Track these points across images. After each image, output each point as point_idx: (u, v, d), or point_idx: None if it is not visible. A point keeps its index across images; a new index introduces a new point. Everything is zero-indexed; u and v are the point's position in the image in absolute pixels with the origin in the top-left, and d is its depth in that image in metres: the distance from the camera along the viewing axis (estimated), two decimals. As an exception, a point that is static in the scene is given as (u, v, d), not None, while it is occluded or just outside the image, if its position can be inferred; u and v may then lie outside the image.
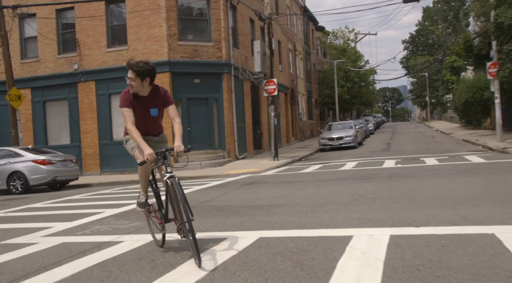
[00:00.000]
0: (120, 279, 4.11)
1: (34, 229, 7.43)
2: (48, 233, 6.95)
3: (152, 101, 4.93)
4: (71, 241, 6.16)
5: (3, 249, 5.95)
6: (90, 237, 6.36)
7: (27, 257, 5.37)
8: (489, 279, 3.32)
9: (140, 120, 4.87)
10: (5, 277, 4.49)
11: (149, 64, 4.79)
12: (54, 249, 5.72)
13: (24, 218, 9.05)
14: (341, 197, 8.14)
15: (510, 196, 6.93)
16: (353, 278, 3.55)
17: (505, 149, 17.68)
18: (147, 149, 4.51)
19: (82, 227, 7.25)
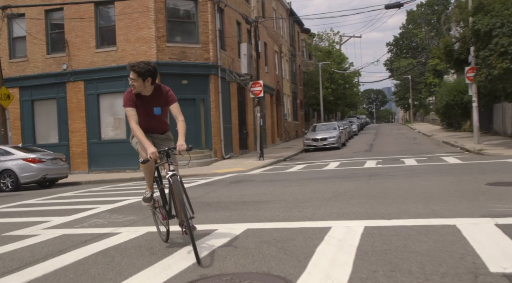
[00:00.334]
0: (123, 262, 4.61)
1: (33, 222, 7.85)
2: (48, 226, 7.39)
3: (154, 100, 5.05)
4: (71, 233, 6.62)
5: (8, 239, 6.39)
6: (89, 229, 6.83)
7: (32, 246, 5.82)
8: (444, 260, 3.89)
9: (144, 119, 5.02)
10: (16, 263, 4.95)
11: (150, 65, 4.91)
12: (56, 239, 6.17)
13: (21, 213, 9.45)
14: (322, 194, 8.71)
15: (476, 193, 7.55)
16: (329, 260, 4.10)
17: (481, 151, 18.45)
18: (150, 147, 4.66)
19: (79, 221, 7.70)
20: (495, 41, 16.37)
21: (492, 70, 16.83)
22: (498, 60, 16.32)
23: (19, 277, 4.33)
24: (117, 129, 22.20)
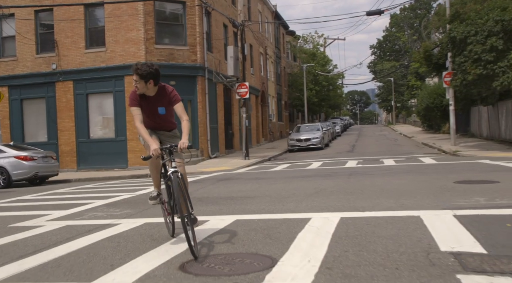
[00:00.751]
0: (128, 246, 5.25)
1: (35, 215, 8.40)
2: (50, 218, 7.96)
3: (158, 100, 5.21)
4: (74, 224, 7.21)
5: (15, 230, 6.95)
6: (90, 220, 7.42)
7: (41, 235, 6.41)
8: (404, 242, 4.61)
9: (150, 118, 5.24)
10: (31, 248, 5.54)
11: (152, 67, 5.02)
12: (62, 229, 6.76)
13: (20, 207, 9.97)
14: (304, 191, 9.41)
15: (443, 190, 8.32)
16: (308, 243, 4.79)
17: (456, 152, 19.38)
18: (153, 145, 4.83)
19: (78, 214, 8.28)
20: (469, 48, 17.27)
21: (466, 76, 17.73)
22: (472, 66, 17.22)
23: (38, 259, 4.93)
24: (105, 128, 22.67)
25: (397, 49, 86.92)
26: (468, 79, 17.70)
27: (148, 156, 4.88)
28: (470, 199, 7.02)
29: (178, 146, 4.83)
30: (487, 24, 16.91)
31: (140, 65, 5.07)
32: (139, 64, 5.08)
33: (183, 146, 4.82)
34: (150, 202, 5.47)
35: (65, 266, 4.57)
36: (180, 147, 4.82)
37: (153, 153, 4.79)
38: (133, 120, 5.16)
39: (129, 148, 21.93)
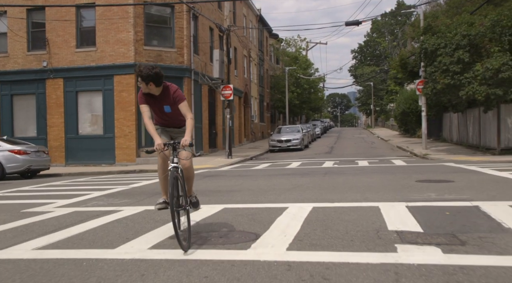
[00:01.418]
0: (136, 226, 6.30)
1: (41, 203, 9.35)
2: (57, 205, 8.93)
3: (163, 99, 5.42)
4: (81, 210, 8.21)
5: (29, 214, 7.92)
6: (94, 208, 8.43)
7: (55, 218, 7.41)
8: (361, 223, 5.77)
9: (158, 116, 5.57)
10: (50, 228, 6.54)
11: (152, 71, 5.15)
12: (72, 214, 7.76)
13: (23, 196, 10.89)
14: (283, 186, 10.56)
15: (404, 187, 9.54)
16: (285, 224, 5.91)
17: (426, 155, 20.78)
18: (157, 139, 5.11)
19: (82, 202, 9.27)
20: (439, 59, 18.64)
21: (436, 85, 19.10)
22: (441, 76, 18.60)
23: (61, 234, 5.96)
24: (94, 125, 23.51)
25: (378, 54, 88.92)
26: (438, 88, 19.07)
27: (152, 150, 5.14)
28: (423, 194, 8.24)
29: (181, 143, 5.09)
30: (455, 38, 18.30)
31: (143, 67, 5.23)
32: (141, 66, 5.24)
33: (184, 143, 5.08)
34: (157, 207, 5.57)
35: (87, 239, 5.62)
36: (182, 143, 5.08)
37: (156, 147, 5.08)
38: (142, 117, 5.39)
39: (116, 145, 22.81)
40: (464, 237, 4.92)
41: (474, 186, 9.23)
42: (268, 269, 3.98)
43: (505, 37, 17.83)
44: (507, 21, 17.63)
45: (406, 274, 3.71)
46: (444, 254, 4.25)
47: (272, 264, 4.12)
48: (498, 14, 17.94)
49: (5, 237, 5.94)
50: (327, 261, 4.14)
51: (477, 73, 17.55)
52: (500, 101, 18.55)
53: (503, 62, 16.98)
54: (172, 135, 5.63)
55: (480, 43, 18.16)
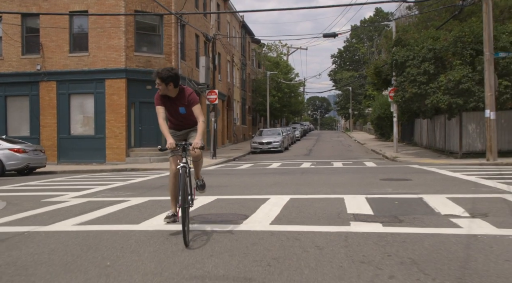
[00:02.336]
0: (148, 211, 7.81)
1: (54, 195, 10.73)
2: (71, 196, 10.35)
3: (179, 101, 5.75)
4: (94, 200, 9.65)
5: (50, 203, 9.32)
6: (104, 198, 9.87)
7: (76, 205, 8.84)
8: (327, 209, 7.37)
9: (173, 117, 5.91)
10: (77, 212, 7.99)
11: (171, 71, 5.52)
12: (87, 203, 9.20)
13: (33, 190, 12.23)
14: (265, 182, 12.14)
15: (369, 184, 11.20)
16: (267, 209, 7.49)
17: (395, 158, 22.60)
18: (170, 139, 5.50)
19: (91, 195, 10.69)
20: (407, 70, 20.45)
21: (405, 93, 20.91)
22: (409, 86, 20.41)
23: (88, 216, 7.42)
24: (85, 126, 24.79)
25: (357, 59, 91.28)
26: (406, 96, 20.88)
27: (164, 148, 5.57)
28: (382, 189, 9.91)
29: (192, 145, 5.45)
30: (422, 51, 20.13)
31: (161, 70, 5.59)
32: (159, 69, 5.62)
33: (196, 146, 5.44)
34: (165, 221, 5.89)
35: (112, 219, 7.11)
36: (193, 146, 5.44)
37: (168, 146, 5.49)
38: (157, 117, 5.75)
39: (107, 145, 24.13)
40: (403, 217, 6.56)
41: (426, 184, 10.95)
42: (257, 234, 5.56)
43: (466, 51, 19.69)
44: (467, 37, 19.51)
45: (352, 236, 5.32)
46: (383, 227, 5.87)
47: (260, 232, 5.70)
48: (460, 31, 19.81)
49: (43, 218, 7.38)
50: (299, 230, 5.73)
51: (441, 84, 19.37)
52: (461, 110, 20.40)
53: (463, 75, 18.86)
54: (183, 137, 6.01)
55: (444, 56, 20.00)
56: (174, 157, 5.80)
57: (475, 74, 19.06)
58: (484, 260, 4.22)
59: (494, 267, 3.99)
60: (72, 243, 5.47)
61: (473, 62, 19.45)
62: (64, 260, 4.65)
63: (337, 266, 4.12)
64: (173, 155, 5.83)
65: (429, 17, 25.55)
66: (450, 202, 7.76)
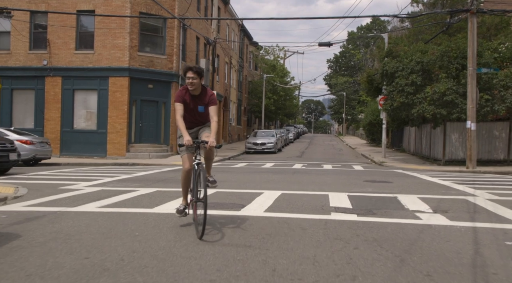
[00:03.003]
0: (158, 198, 8.96)
1: (68, 184, 11.85)
2: (84, 185, 11.47)
3: (201, 99, 6.01)
4: (106, 189, 10.79)
5: (67, 190, 10.45)
6: (115, 188, 11.00)
7: (91, 192, 9.98)
8: (313, 202, 8.57)
9: (190, 114, 6.04)
10: (94, 198, 9.12)
11: (201, 68, 5.88)
12: (101, 191, 10.33)
13: (47, 179, 13.33)
14: (260, 180, 13.33)
15: (353, 184, 12.42)
16: (261, 201, 8.68)
17: (382, 163, 23.86)
18: (187, 136, 5.67)
19: (101, 184, 11.82)
20: (396, 81, 21.73)
21: (393, 102, 22.18)
22: (398, 95, 21.68)
23: (106, 201, 8.56)
24: (88, 121, 25.87)
25: (352, 65, 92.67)
26: (395, 105, 22.15)
27: (182, 144, 5.77)
28: (363, 189, 11.13)
29: (208, 144, 5.65)
30: (411, 64, 21.41)
31: (193, 66, 5.93)
32: (191, 65, 5.94)
33: (212, 144, 5.67)
34: (177, 215, 6.21)
35: (128, 204, 8.27)
36: (210, 144, 5.66)
37: (185, 143, 5.67)
38: (175, 113, 6.00)
39: (108, 140, 25.23)
40: (376, 211, 7.76)
41: (404, 186, 12.18)
42: (253, 218, 6.75)
43: (452, 65, 20.99)
44: (453, 52, 20.82)
45: (331, 222, 6.52)
46: (358, 217, 7.08)
47: (255, 217, 6.89)
48: (447, 46, 21.11)
49: (67, 202, 8.52)
50: (287, 217, 6.93)
51: (427, 94, 20.66)
52: (445, 120, 21.70)
53: (448, 87, 20.15)
54: (194, 135, 6.18)
55: (431, 69, 21.30)
56: (189, 155, 5.95)
57: (459, 87, 20.36)
58: (430, 240, 5.43)
59: (436, 245, 5.20)
60: (101, 219, 6.63)
61: (458, 76, 20.75)
62: (100, 231, 5.82)
63: (316, 240, 5.32)
64: (187, 153, 5.95)
65: (420, 30, 26.86)
66: (419, 201, 8.98)
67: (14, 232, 5.70)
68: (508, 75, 20.28)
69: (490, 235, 5.79)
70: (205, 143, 5.70)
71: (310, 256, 4.62)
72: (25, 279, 3.77)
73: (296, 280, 3.81)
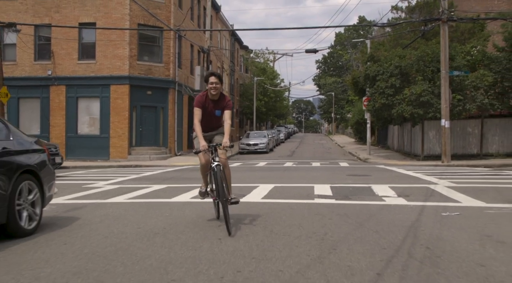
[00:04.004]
0: (173, 192, 10.76)
1: (88, 183, 13.60)
2: (103, 184, 13.23)
3: (218, 104, 6.37)
4: (124, 186, 12.56)
5: (90, 188, 12.19)
6: (131, 185, 12.77)
7: (113, 189, 11.74)
8: (301, 192, 10.42)
9: (207, 117, 6.38)
10: (118, 193, 10.89)
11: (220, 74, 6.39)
12: (120, 188, 12.10)
13: (67, 179, 15.06)
14: (255, 176, 15.18)
15: (336, 178, 14.29)
16: (258, 192, 10.52)
17: (367, 159, 25.80)
18: (202, 142, 6.03)
19: (118, 183, 13.58)
20: (378, 83, 23.67)
21: (375, 103, 24.13)
22: (379, 97, 23.63)
23: (130, 195, 10.34)
24: (91, 126, 27.58)
25: (340, 65, 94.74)
26: (376, 106, 24.11)
27: (198, 150, 6.09)
28: (344, 181, 13.02)
29: (222, 145, 6.06)
30: (390, 68, 23.36)
31: (215, 72, 6.47)
32: (213, 71, 6.77)
33: (226, 145, 6.04)
34: (200, 196, 6.88)
35: (149, 196, 10.07)
36: (223, 145, 6.04)
37: (201, 149, 6.01)
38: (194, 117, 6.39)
39: (111, 144, 26.95)
40: (352, 197, 9.63)
41: (380, 178, 14.08)
42: (253, 203, 8.59)
43: (428, 68, 22.97)
44: (428, 57, 22.80)
45: (314, 204, 8.38)
46: (336, 201, 8.94)
47: (255, 202, 8.73)
48: (422, 51, 23.10)
49: (97, 196, 10.30)
50: (280, 202, 8.78)
51: (405, 96, 22.61)
52: (423, 118, 23.67)
53: (424, 89, 22.12)
54: (208, 138, 6.48)
55: (409, 72, 23.26)
56: (206, 153, 6.22)
57: (435, 88, 22.34)
58: (385, 214, 7.30)
59: (389, 216, 7.06)
60: (134, 207, 8.44)
61: (433, 78, 22.74)
62: (138, 214, 7.62)
63: (301, 215, 7.17)
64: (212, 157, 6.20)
65: (400, 35, 28.82)
66: (389, 189, 10.86)
67: (72, 216, 7.50)
68: (479, 77, 22.28)
69: (433, 210, 7.67)
70: (219, 145, 6.14)
71: (296, 224, 6.47)
72: (104, 240, 5.57)
73: (286, 236, 5.65)
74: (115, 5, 26.99)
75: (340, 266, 4.23)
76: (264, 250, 4.93)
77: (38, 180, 6.27)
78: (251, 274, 4.04)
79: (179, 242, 5.37)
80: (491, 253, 4.73)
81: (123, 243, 5.35)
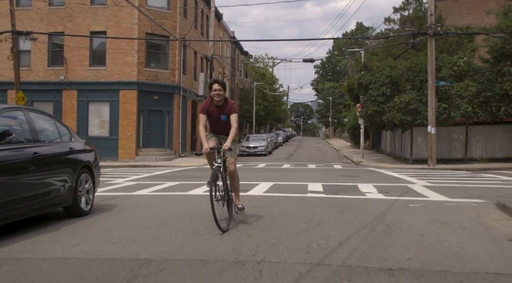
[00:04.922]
0: (186, 187, 12.48)
1: (108, 180, 15.27)
2: (122, 181, 14.92)
3: (223, 109, 6.55)
4: (141, 182, 14.26)
5: (112, 184, 13.88)
6: (147, 182, 14.48)
7: (133, 185, 13.44)
8: (297, 189, 12.16)
9: (214, 122, 6.68)
10: (140, 187, 12.59)
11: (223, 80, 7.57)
12: (139, 184, 13.80)
13: (87, 177, 16.75)
14: (255, 176, 16.92)
15: (328, 177, 16.02)
16: (259, 188, 12.25)
17: (359, 162, 27.55)
18: (205, 144, 6.32)
19: (135, 180, 15.28)
20: (370, 92, 25.45)
21: (368, 110, 25.91)
22: (371, 104, 25.41)
23: (151, 189, 12.06)
24: (101, 128, 29.29)
25: (338, 70, 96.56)
26: (369, 113, 25.88)
27: (200, 153, 6.41)
28: (336, 180, 14.77)
29: (222, 147, 6.25)
30: (381, 77, 25.15)
31: (218, 79, 6.67)
32: (217, 78, 6.79)
33: (225, 148, 6.23)
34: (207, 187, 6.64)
35: (167, 190, 11.79)
36: (223, 148, 6.24)
37: (204, 151, 6.30)
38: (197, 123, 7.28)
39: (119, 145, 28.67)
40: (339, 193, 11.35)
41: (368, 178, 15.82)
42: (255, 196, 10.32)
43: (416, 78, 24.76)
44: (417, 67, 24.60)
45: (306, 197, 10.12)
46: (325, 195, 10.67)
47: (257, 196, 10.46)
48: (411, 62, 24.90)
49: (122, 190, 12.01)
50: (278, 195, 10.52)
51: (395, 104, 24.38)
52: (412, 125, 25.44)
53: (412, 97, 23.90)
54: (221, 141, 6.72)
55: (399, 81, 25.04)
56: (209, 155, 6.53)
57: (423, 97, 24.12)
58: (364, 205, 9.05)
59: (366, 206, 8.81)
60: (158, 198, 10.17)
61: (422, 87, 24.52)
62: (164, 203, 9.35)
63: (295, 205, 8.92)
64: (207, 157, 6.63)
65: (393, 45, 30.63)
66: (372, 187, 12.61)
67: (110, 203, 9.23)
68: (463, 86, 24.07)
69: (403, 202, 9.42)
70: (220, 147, 6.39)
71: (291, 210, 8.21)
72: (146, 218, 7.29)
73: (283, 217, 7.39)
74: (124, 15, 28.71)
75: (321, 234, 5.99)
76: (267, 225, 6.69)
77: (91, 172, 8.00)
78: (258, 236, 5.80)
79: (203, 218, 7.12)
80: (432, 229, 6.49)
81: (161, 220, 7.10)
